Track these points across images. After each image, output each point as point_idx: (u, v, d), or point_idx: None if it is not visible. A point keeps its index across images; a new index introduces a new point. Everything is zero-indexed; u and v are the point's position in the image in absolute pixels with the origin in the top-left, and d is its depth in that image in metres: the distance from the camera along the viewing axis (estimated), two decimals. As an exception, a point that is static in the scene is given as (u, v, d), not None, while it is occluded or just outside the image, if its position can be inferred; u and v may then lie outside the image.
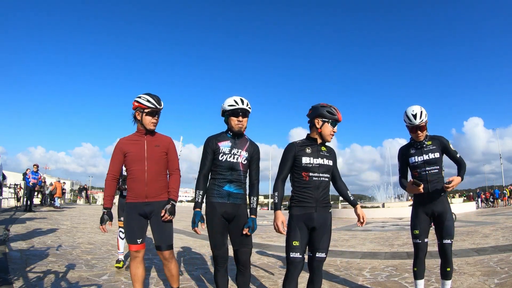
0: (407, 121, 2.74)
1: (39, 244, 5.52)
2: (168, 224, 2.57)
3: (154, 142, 2.63)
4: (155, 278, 3.88)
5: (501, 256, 4.73)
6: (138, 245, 2.53)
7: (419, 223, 2.77)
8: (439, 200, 2.71)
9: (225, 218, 2.47)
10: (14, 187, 14.22)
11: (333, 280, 3.86)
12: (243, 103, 2.48)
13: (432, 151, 2.75)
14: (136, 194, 2.54)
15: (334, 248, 6.47)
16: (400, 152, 2.95)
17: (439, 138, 2.80)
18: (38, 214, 11.05)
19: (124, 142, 2.61)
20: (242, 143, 2.57)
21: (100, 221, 2.56)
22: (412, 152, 2.83)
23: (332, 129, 2.41)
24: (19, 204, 13.69)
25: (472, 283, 3.44)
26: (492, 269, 3.94)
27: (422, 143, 2.79)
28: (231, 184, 2.48)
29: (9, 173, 16.12)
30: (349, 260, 5.18)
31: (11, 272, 3.60)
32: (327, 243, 2.37)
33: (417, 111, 2.69)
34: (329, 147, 2.50)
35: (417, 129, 2.73)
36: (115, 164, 2.59)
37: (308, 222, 2.31)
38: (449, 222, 2.68)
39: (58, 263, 4.22)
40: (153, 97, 2.56)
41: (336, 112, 2.41)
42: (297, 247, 2.26)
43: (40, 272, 3.70)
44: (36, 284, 3.29)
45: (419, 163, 2.79)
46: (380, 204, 21.01)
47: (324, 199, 2.37)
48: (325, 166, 2.39)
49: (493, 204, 24.69)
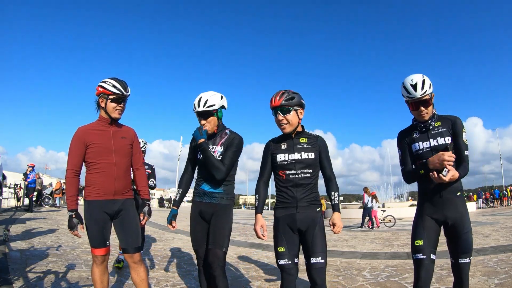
0: (405, 94, 2.07)
1: (39, 244, 5.52)
2: (135, 225, 2.37)
3: (120, 133, 2.39)
4: (155, 278, 3.88)
5: (501, 256, 4.73)
6: (107, 248, 2.30)
7: (423, 231, 2.05)
8: (453, 203, 2.03)
9: (202, 217, 2.38)
10: (14, 187, 14.20)
11: (333, 280, 3.86)
12: (198, 106, 2.33)
13: (442, 134, 2.05)
14: (103, 190, 2.27)
15: (334, 248, 6.47)
16: (399, 137, 2.24)
17: (451, 119, 2.08)
18: (38, 214, 11.04)
19: (86, 131, 2.29)
20: (219, 138, 2.41)
21: (69, 226, 2.21)
22: (415, 137, 2.15)
23: (276, 118, 2.13)
24: (19, 204, 13.67)
25: (472, 283, 3.43)
26: (492, 269, 3.94)
27: (428, 124, 2.10)
28: (208, 183, 2.36)
29: (9, 173, 16.11)
30: (349, 260, 5.18)
31: (11, 272, 3.60)
32: (321, 246, 2.05)
33: (417, 79, 2.02)
34: (312, 137, 2.19)
35: (419, 105, 2.05)
36: (75, 157, 2.26)
37: (292, 224, 2.08)
38: (467, 235, 2.01)
39: (58, 263, 4.21)
40: (119, 82, 2.31)
41: (271, 99, 2.14)
42: (283, 253, 2.06)
43: (40, 272, 3.69)
44: (36, 284, 3.29)
45: (424, 151, 2.09)
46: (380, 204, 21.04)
47: (307, 197, 2.10)
48: (303, 161, 2.10)
49: (493, 204, 24.68)
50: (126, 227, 2.34)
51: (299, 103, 2.14)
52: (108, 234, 2.32)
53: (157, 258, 5.13)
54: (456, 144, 2.04)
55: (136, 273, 2.34)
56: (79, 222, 2.23)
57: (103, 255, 2.28)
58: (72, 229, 2.22)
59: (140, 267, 2.35)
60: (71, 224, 2.21)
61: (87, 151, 2.28)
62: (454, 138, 2.05)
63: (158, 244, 6.72)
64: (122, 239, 2.34)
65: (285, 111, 2.10)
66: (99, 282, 2.29)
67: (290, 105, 2.10)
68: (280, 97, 2.11)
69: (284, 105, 2.10)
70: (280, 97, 2.11)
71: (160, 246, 6.45)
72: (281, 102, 2.09)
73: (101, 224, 2.28)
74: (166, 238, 7.68)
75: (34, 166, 13.67)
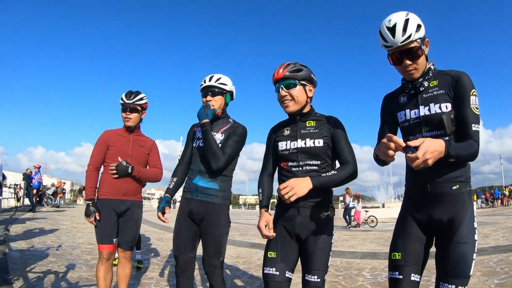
0: (382, 42, 1.44)
1: (39, 244, 5.52)
2: (136, 226, 2.54)
3: (139, 142, 2.60)
4: (155, 278, 3.88)
5: (501, 256, 4.72)
6: (113, 245, 2.40)
7: (403, 239, 1.48)
8: (445, 200, 1.40)
9: (191, 218, 2.05)
10: (14, 187, 14.20)
11: (333, 280, 3.86)
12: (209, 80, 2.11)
13: (437, 99, 1.42)
14: (114, 190, 2.44)
15: (334, 248, 6.45)
16: (383, 103, 1.67)
17: (453, 75, 1.42)
18: (38, 214, 11.04)
19: (110, 134, 2.55)
20: (220, 125, 2.13)
21: (86, 213, 2.36)
22: (402, 102, 1.55)
23: (279, 95, 1.73)
24: (19, 204, 13.67)
25: (472, 283, 3.44)
26: (492, 269, 3.94)
27: (419, 84, 1.47)
28: (201, 177, 2.05)
29: (9, 173, 16.12)
30: (349, 260, 5.18)
31: (11, 272, 3.60)
32: (322, 262, 1.59)
33: (396, 19, 1.38)
34: (322, 119, 1.74)
35: (403, 56, 1.42)
36: (97, 155, 2.49)
37: (290, 227, 1.68)
38: (464, 247, 1.34)
39: (58, 263, 4.21)
40: (127, 92, 2.54)
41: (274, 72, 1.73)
42: (272, 260, 1.64)
43: (40, 272, 3.69)
44: (36, 284, 3.29)
45: (412, 122, 1.49)
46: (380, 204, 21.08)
47: (313, 197, 1.63)
48: (308, 151, 1.67)
49: (493, 204, 24.69)
50: (127, 226, 2.48)
51: (308, 77, 1.71)
52: (115, 232, 2.44)
53: (157, 258, 5.13)
54: (460, 114, 1.37)
55: (122, 268, 2.50)
56: (95, 210, 2.38)
57: (109, 252, 2.37)
58: (88, 216, 2.36)
59: (127, 264, 2.53)
60: (88, 212, 2.37)
61: (107, 152, 2.50)
62: (457, 105, 1.38)
63: (158, 244, 6.72)
64: (121, 235, 2.47)
65: (289, 86, 1.68)
66: (102, 279, 2.37)
67: (296, 78, 1.67)
68: (285, 68, 1.69)
69: (288, 77, 1.68)
70: (285, 68, 1.69)
71: (160, 246, 6.45)
72: (285, 74, 1.68)
73: (109, 221, 2.40)
74: (166, 238, 7.68)
75: (40, 167, 13.78)
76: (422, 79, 1.47)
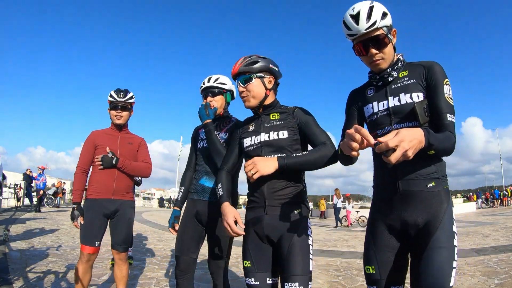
0: (346, 31, 1.36)
1: (39, 244, 5.51)
2: (129, 227, 2.50)
3: (128, 139, 2.58)
4: (155, 278, 3.88)
5: (501, 256, 4.73)
6: (95, 248, 2.34)
7: (376, 253, 1.32)
8: (419, 200, 1.24)
9: (198, 220, 2.04)
10: (14, 187, 14.21)
11: (333, 280, 3.86)
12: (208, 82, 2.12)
13: (407, 88, 1.32)
14: (102, 189, 2.40)
15: (334, 248, 6.47)
16: (349, 98, 1.55)
17: (425, 65, 1.34)
18: (38, 214, 11.03)
19: (97, 134, 2.52)
20: (223, 124, 2.13)
21: (71, 217, 2.35)
22: (370, 95, 1.43)
23: (239, 88, 1.63)
24: (19, 204, 13.68)
25: (472, 283, 3.44)
26: (492, 270, 3.94)
27: (387, 75, 1.36)
28: (208, 177, 2.05)
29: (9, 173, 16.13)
30: (349, 260, 5.18)
31: (11, 272, 3.60)
32: (301, 265, 1.40)
33: (360, 7, 1.30)
34: (286, 110, 1.61)
35: (368, 46, 1.33)
36: (85, 156, 2.45)
37: (259, 230, 1.52)
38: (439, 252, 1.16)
39: (58, 263, 4.21)
40: (116, 90, 2.51)
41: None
42: (249, 269, 1.52)
43: (40, 272, 3.69)
44: (36, 284, 3.29)
45: (380, 115, 1.36)
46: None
47: (280, 193, 1.50)
48: (272, 144, 1.54)
49: (493, 204, 24.70)
50: (119, 227, 2.46)
51: (265, 69, 1.59)
52: (101, 235, 2.39)
53: (157, 258, 5.13)
54: (433, 104, 1.26)
55: (120, 270, 2.50)
56: (79, 214, 2.35)
57: (90, 254, 2.34)
58: (73, 220, 2.35)
59: (124, 265, 2.52)
60: (72, 215, 2.35)
61: (95, 152, 2.46)
62: (429, 95, 1.28)
63: (158, 244, 6.73)
64: (114, 237, 2.46)
65: (245, 80, 1.59)
66: (80, 279, 2.34)
67: (251, 71, 1.57)
68: (240, 63, 1.60)
69: (243, 72, 1.58)
70: (240, 63, 1.60)
71: (160, 246, 6.46)
72: (239, 69, 1.58)
73: (95, 224, 2.36)
74: (166, 238, 7.68)
75: (44, 168, 13.88)
76: (390, 69, 1.36)
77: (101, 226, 2.39)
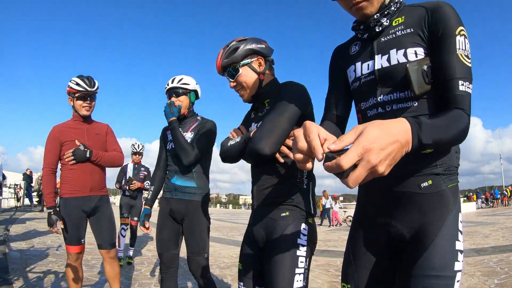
0: None
1: (39, 244, 5.51)
2: (110, 222, 2.43)
3: (94, 129, 2.44)
4: (155, 278, 3.88)
5: (501, 256, 4.73)
6: (81, 245, 2.31)
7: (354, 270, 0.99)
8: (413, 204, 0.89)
9: (173, 217, 2.11)
10: (14, 187, 14.21)
11: (333, 280, 3.86)
12: (171, 83, 2.15)
13: (400, 41, 0.91)
14: (79, 187, 2.29)
15: (334, 248, 6.47)
16: (332, 57, 1.17)
17: (428, 6, 0.89)
18: (38, 214, 11.04)
19: (60, 130, 2.34)
20: (188, 124, 2.17)
21: (48, 223, 2.20)
22: (353, 52, 1.06)
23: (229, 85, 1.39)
24: (19, 204, 13.68)
25: (472, 283, 3.44)
26: (492, 270, 3.94)
27: (374, 23, 0.96)
28: (178, 176, 2.11)
29: (9, 173, 16.09)
30: (349, 260, 5.18)
31: (11, 272, 3.60)
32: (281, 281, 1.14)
33: None
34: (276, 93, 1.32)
35: None
36: (51, 155, 2.29)
37: (249, 232, 1.38)
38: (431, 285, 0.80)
39: (58, 263, 4.21)
40: (83, 79, 2.33)
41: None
42: (240, 272, 1.36)
43: (40, 272, 3.69)
44: (36, 284, 3.29)
45: (363, 80, 0.98)
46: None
47: (267, 191, 1.27)
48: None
49: (493, 204, 24.72)
50: (102, 225, 2.39)
51: (250, 52, 1.32)
52: (83, 232, 2.34)
53: (156, 258, 5.13)
54: (439, 64, 0.85)
55: (111, 268, 2.43)
56: (58, 219, 2.23)
57: (77, 253, 2.30)
58: (51, 226, 2.22)
59: (115, 262, 2.44)
60: (50, 221, 2.21)
61: (62, 149, 2.31)
62: (434, 51, 0.87)
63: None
64: (98, 235, 2.38)
65: (232, 74, 1.34)
66: (71, 279, 2.31)
67: (234, 61, 1.32)
68: (221, 57, 1.34)
69: (227, 65, 1.33)
70: (221, 57, 1.34)
71: (160, 246, 6.44)
72: (222, 63, 1.33)
73: (76, 222, 2.28)
74: (166, 238, 7.67)
75: None
76: (379, 15, 0.94)
77: (83, 224, 2.32)
